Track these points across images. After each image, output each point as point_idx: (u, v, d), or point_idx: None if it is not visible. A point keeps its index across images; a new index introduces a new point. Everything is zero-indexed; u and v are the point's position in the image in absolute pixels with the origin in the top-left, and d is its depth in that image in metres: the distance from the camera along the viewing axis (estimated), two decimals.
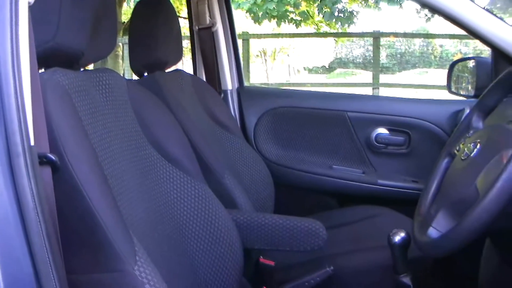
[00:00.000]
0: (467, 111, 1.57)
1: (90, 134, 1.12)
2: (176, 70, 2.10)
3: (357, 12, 11.25)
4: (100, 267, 0.98)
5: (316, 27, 11.83)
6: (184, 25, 4.83)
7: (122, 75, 1.65)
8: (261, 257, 1.78)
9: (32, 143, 0.92)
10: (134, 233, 1.11)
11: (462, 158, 1.34)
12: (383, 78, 12.01)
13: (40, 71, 1.07)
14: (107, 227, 0.98)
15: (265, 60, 16.41)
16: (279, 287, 1.74)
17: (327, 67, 17.23)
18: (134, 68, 1.87)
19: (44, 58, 1.09)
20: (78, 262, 0.98)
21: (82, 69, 1.26)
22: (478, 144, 1.32)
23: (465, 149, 1.35)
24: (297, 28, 11.07)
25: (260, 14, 10.25)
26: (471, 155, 1.31)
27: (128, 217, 1.15)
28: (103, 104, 1.24)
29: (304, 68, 17.50)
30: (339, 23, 10.72)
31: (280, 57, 16.50)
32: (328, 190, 2.51)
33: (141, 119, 1.40)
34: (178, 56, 1.99)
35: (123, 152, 1.25)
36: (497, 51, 1.97)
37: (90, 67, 1.35)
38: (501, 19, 1.69)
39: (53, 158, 0.96)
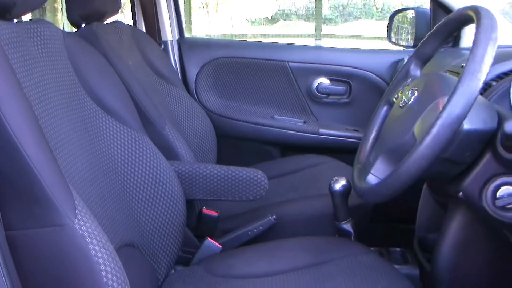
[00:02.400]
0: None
1: (25, 87, 1.08)
2: (115, 21, 2.05)
3: None
4: (39, 222, 0.96)
5: None
6: None
7: (62, 28, 1.58)
8: (204, 207, 1.79)
9: None
10: (74, 186, 1.09)
11: (400, 105, 1.36)
12: (326, 29, 12.00)
13: None
14: (44, 181, 0.95)
15: (208, 12, 16.18)
16: (223, 237, 1.76)
17: (270, 18, 17.11)
18: (71, 19, 1.81)
19: None
20: (16, 218, 0.96)
21: (15, 21, 1.21)
22: (416, 92, 1.34)
23: (403, 97, 1.37)
24: None
25: None
26: (409, 102, 1.33)
27: (67, 170, 1.13)
28: (38, 56, 1.20)
29: (247, 20, 17.35)
30: None
31: (223, 9, 16.29)
32: (270, 140, 2.52)
33: (78, 71, 1.36)
34: (116, 7, 1.94)
35: (60, 105, 1.22)
36: (435, 2, 2.00)
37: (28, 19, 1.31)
38: None
39: None
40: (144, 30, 2.59)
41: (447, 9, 1.94)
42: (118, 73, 1.61)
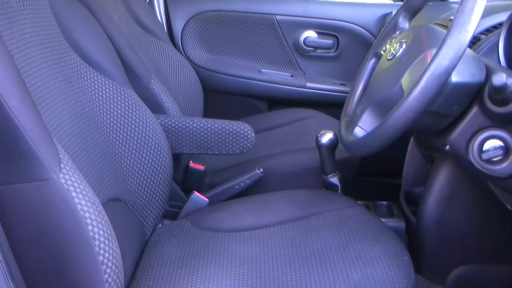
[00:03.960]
0: None
1: (6, 40, 1.05)
2: None
3: None
4: (23, 177, 0.94)
5: None
6: None
7: None
8: (191, 161, 1.79)
9: None
10: (59, 140, 1.08)
11: (388, 58, 1.35)
12: None
13: None
14: (28, 134, 0.94)
15: None
16: (210, 191, 1.76)
17: None
18: None
19: None
20: None
21: None
22: (404, 44, 1.32)
23: (391, 49, 1.36)
24: None
25: None
26: (397, 55, 1.32)
27: (51, 124, 1.11)
28: (19, 8, 1.17)
29: None
30: None
31: None
32: (257, 94, 2.51)
33: (62, 24, 1.34)
34: None
35: (43, 58, 1.20)
36: None
37: None
38: None
39: None
40: None
41: None
42: (102, 26, 1.58)
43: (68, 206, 0.96)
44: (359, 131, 1.30)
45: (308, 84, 2.47)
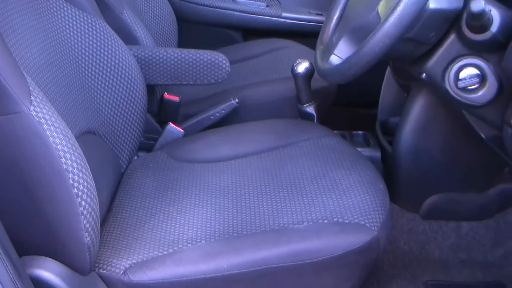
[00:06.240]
0: None
1: None
2: None
3: None
4: None
5: None
6: None
7: None
8: (166, 93, 1.77)
9: None
10: (29, 73, 1.06)
11: None
12: None
13: None
14: None
15: None
16: (185, 122, 1.75)
17: None
18: None
19: None
20: None
21: None
22: None
23: None
24: None
25: None
26: None
27: (20, 57, 1.09)
28: None
29: None
30: None
31: None
32: (232, 24, 2.46)
33: None
34: None
35: None
36: None
37: None
38: None
39: None
40: None
41: None
42: None
43: (40, 139, 0.94)
44: (334, 59, 1.28)
45: (284, 14, 2.42)
